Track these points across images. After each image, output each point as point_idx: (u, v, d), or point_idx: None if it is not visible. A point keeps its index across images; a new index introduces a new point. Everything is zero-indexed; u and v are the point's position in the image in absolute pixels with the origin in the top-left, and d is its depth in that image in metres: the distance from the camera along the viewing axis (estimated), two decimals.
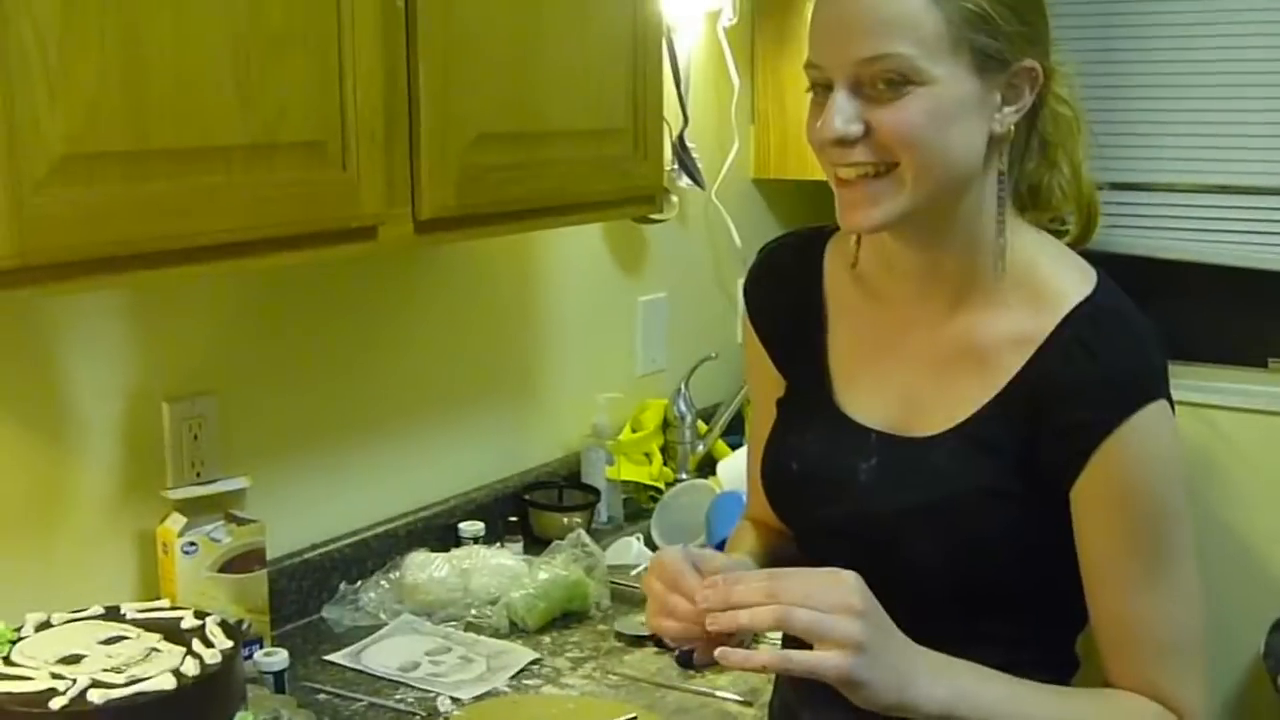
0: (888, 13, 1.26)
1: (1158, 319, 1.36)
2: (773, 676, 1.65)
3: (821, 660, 1.17)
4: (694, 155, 2.89)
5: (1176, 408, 1.34)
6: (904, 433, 1.40)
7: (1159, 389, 1.30)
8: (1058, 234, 1.43)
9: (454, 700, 1.87)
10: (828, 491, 1.43)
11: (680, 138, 2.85)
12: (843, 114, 1.28)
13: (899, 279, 1.43)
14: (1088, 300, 1.34)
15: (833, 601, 1.18)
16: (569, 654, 2.05)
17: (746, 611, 1.19)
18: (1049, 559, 1.36)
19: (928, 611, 1.28)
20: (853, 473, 1.41)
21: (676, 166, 2.85)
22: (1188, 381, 3.31)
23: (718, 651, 1.21)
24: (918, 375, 1.41)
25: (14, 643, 1.57)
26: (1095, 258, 1.42)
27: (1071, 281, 1.36)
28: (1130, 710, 1.32)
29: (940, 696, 1.22)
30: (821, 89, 1.31)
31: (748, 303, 1.59)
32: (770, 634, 1.82)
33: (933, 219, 1.34)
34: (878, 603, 1.21)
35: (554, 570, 2.18)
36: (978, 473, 1.34)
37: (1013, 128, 1.33)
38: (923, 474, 1.37)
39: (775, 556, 1.54)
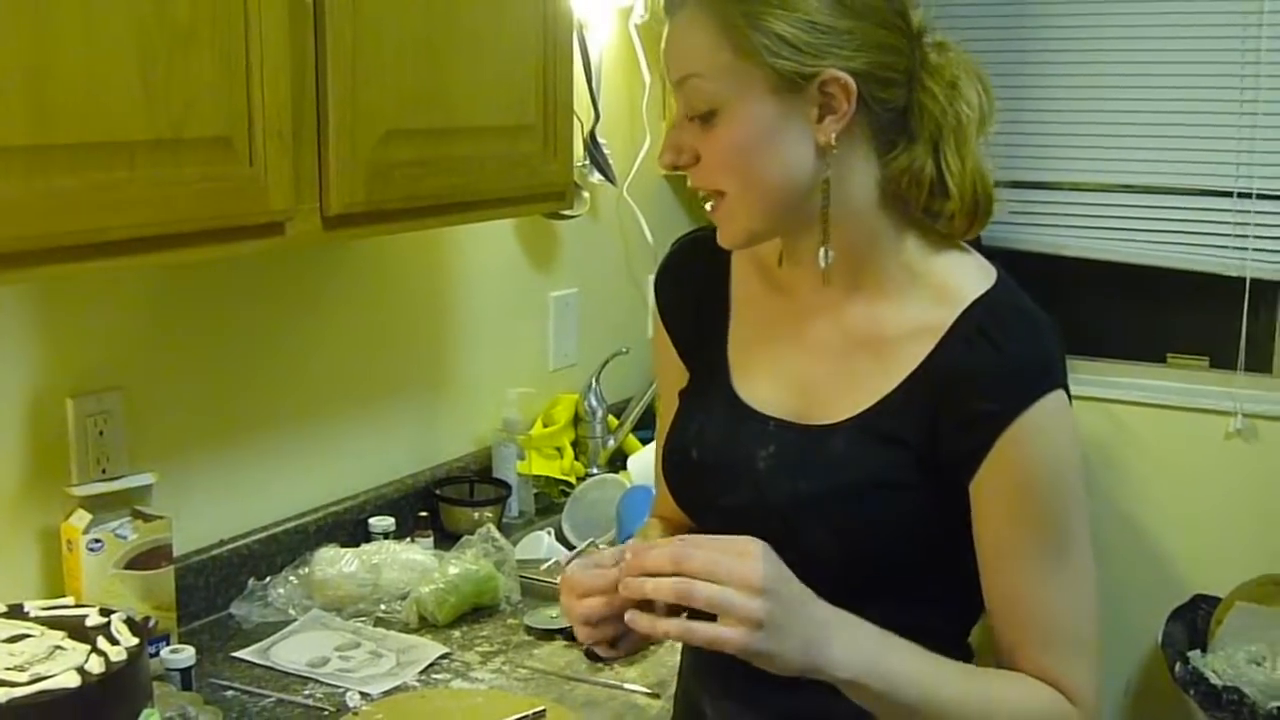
0: (686, 41, 1.33)
1: (1060, 315, 1.39)
2: (677, 667, 1.67)
3: (720, 633, 1.18)
4: (606, 151, 2.91)
5: (1078, 402, 1.36)
6: (803, 421, 1.42)
7: (1058, 379, 1.33)
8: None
9: (363, 695, 1.87)
10: (726, 479, 1.44)
11: (592, 134, 2.86)
12: (672, 140, 1.36)
13: (803, 273, 1.45)
14: (988, 294, 1.36)
15: (735, 577, 1.18)
16: (479, 648, 2.06)
17: (651, 582, 1.20)
18: (945, 550, 1.38)
19: (827, 598, 1.30)
20: (751, 460, 1.42)
21: (588, 162, 2.87)
22: (1089, 376, 3.38)
23: (627, 615, 1.22)
24: (817, 364, 1.43)
25: None
26: (999, 254, 1.45)
27: (972, 277, 1.38)
28: (1027, 690, 1.35)
29: (852, 664, 1.23)
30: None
31: (656, 295, 1.61)
32: None
33: (790, 228, 1.39)
34: (786, 572, 1.22)
35: (464, 565, 2.18)
36: (875, 462, 1.36)
37: (834, 137, 1.32)
38: (820, 462, 1.38)
39: None
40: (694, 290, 1.56)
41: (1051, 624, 1.35)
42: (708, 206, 1.39)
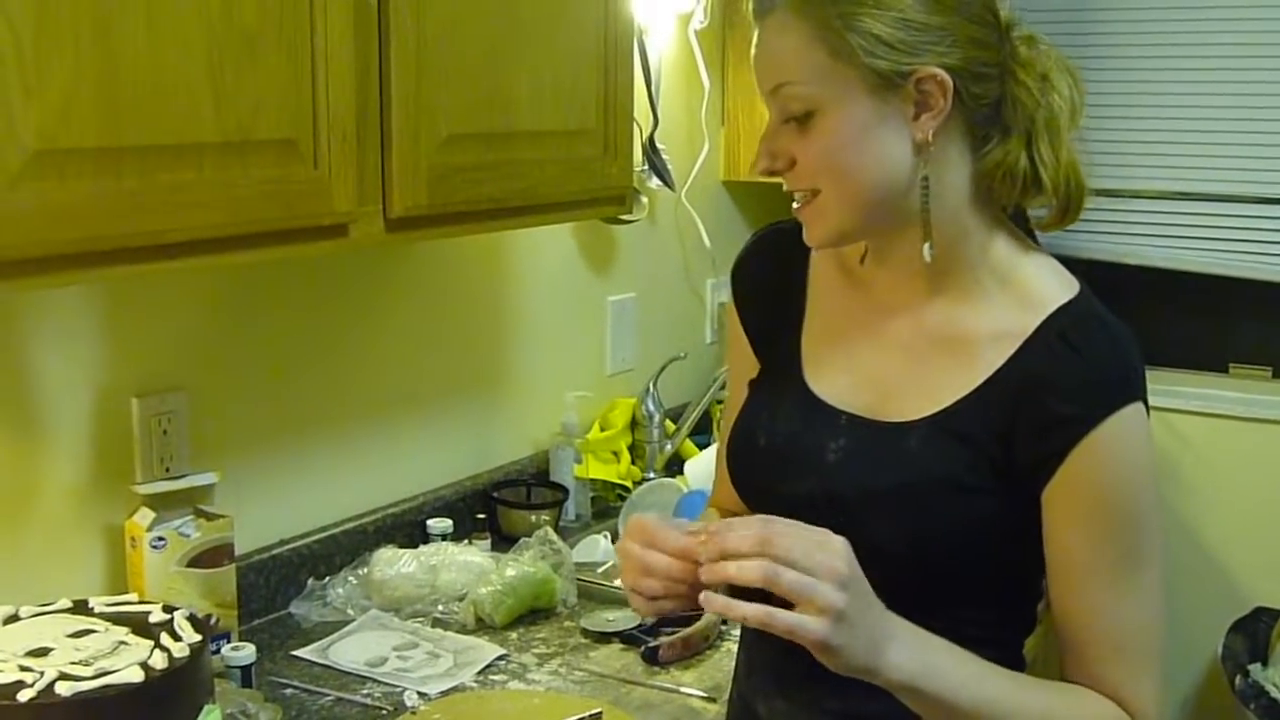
0: (780, 45, 1.33)
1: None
2: (733, 671, 1.67)
3: (802, 623, 1.17)
4: (664, 156, 2.91)
5: None
6: (876, 417, 1.41)
7: (1138, 392, 1.32)
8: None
9: (420, 695, 1.88)
10: (794, 468, 1.44)
11: (651, 139, 2.87)
12: (768, 144, 1.37)
13: (886, 271, 1.45)
14: (1071, 302, 1.36)
15: (820, 565, 1.18)
16: (535, 650, 2.07)
17: (735, 564, 1.19)
18: (1009, 558, 1.38)
19: (887, 599, 1.29)
20: (821, 451, 1.42)
21: (647, 167, 2.87)
22: (1150, 386, 3.33)
23: (702, 596, 1.21)
24: (893, 362, 1.43)
25: None
26: (1062, 263, 1.44)
27: (1055, 285, 1.38)
28: (1088, 706, 1.34)
29: (908, 668, 1.23)
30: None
31: (733, 285, 1.62)
32: None
33: (881, 228, 1.38)
34: (861, 571, 1.21)
35: (521, 567, 2.19)
36: (949, 461, 1.35)
37: (931, 134, 1.32)
38: (893, 458, 1.38)
39: None
40: (770, 282, 1.56)
41: (1119, 637, 1.34)
42: (796, 205, 1.38)
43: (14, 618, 1.63)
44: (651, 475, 2.89)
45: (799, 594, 1.17)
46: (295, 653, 2.02)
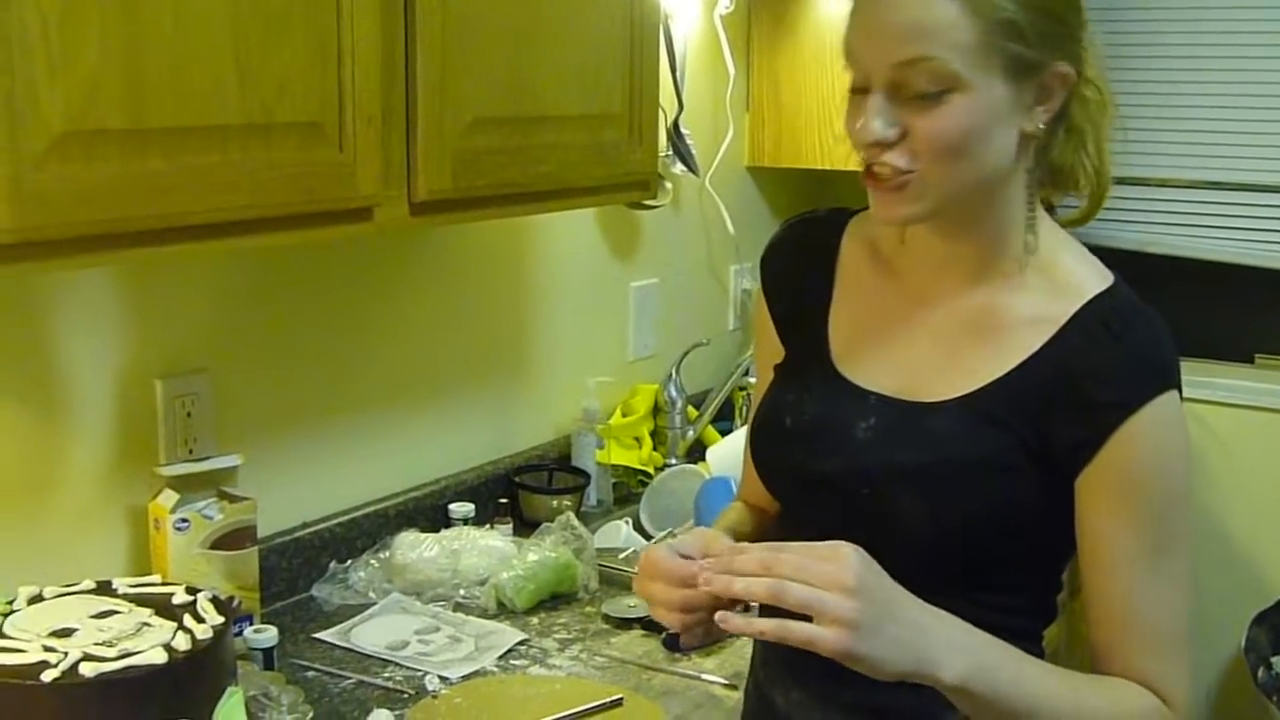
0: (925, 18, 1.27)
1: None
2: (749, 659, 1.66)
3: (817, 635, 1.16)
4: (689, 142, 2.90)
5: None
6: (906, 398, 1.41)
7: (1175, 380, 1.33)
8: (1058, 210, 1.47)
9: (441, 679, 1.89)
10: (822, 447, 1.43)
11: (675, 124, 2.86)
12: (881, 117, 1.30)
13: (916, 256, 1.46)
14: (1108, 291, 1.37)
15: (827, 578, 1.17)
16: (556, 635, 2.07)
17: (742, 581, 1.19)
18: (1036, 545, 1.38)
19: (909, 583, 1.29)
20: (850, 430, 1.42)
21: (671, 153, 2.87)
22: None
23: (718, 615, 1.22)
24: (925, 347, 1.43)
25: (6, 616, 1.57)
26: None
27: (1091, 276, 1.39)
28: (1130, 700, 1.33)
29: (957, 667, 1.21)
30: (856, 85, 1.34)
31: (761, 271, 1.61)
32: None
33: (960, 212, 1.37)
34: (881, 573, 1.21)
35: (543, 552, 2.19)
36: (979, 442, 1.35)
37: (1041, 126, 1.34)
38: (923, 436, 1.38)
39: (759, 535, 1.56)
40: (799, 269, 1.56)
41: (1151, 626, 1.34)
42: (879, 178, 1.33)
43: (38, 598, 1.63)
44: (673, 461, 2.89)
45: (808, 608, 1.17)
46: (317, 635, 2.03)
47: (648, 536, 2.51)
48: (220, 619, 1.59)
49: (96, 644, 1.50)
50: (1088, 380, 1.32)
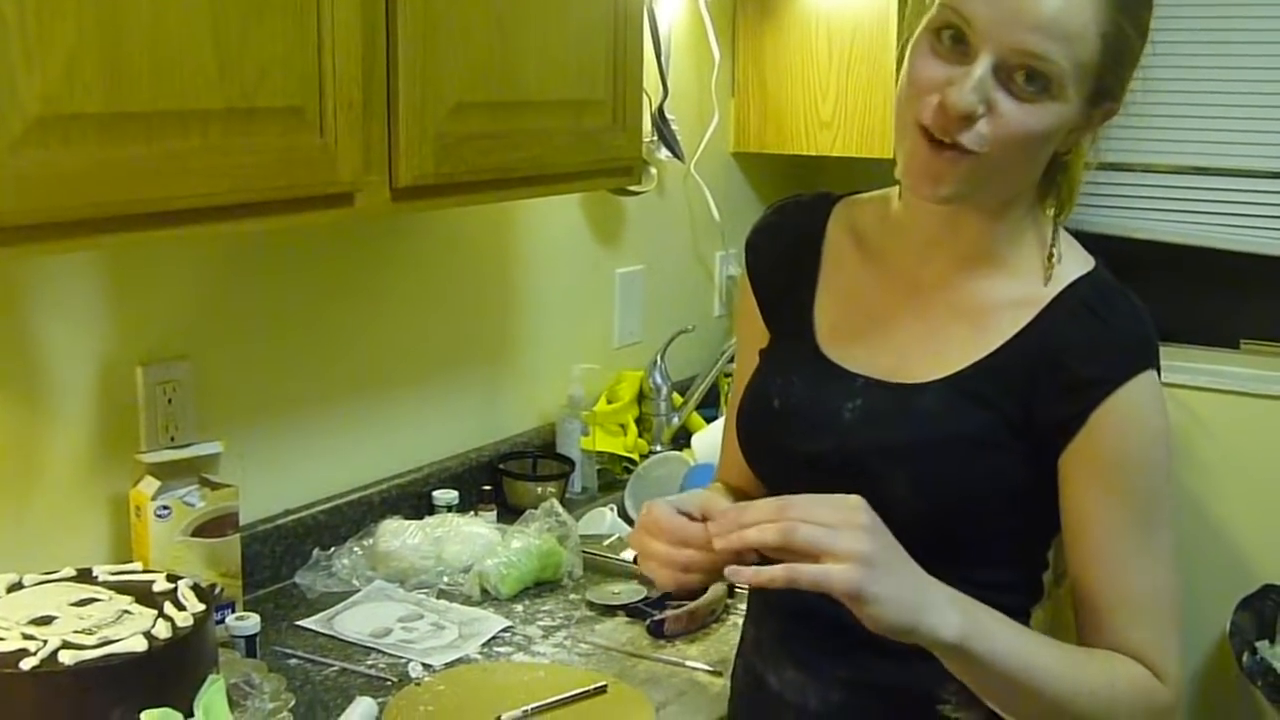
0: (1068, 23, 1.26)
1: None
2: (736, 644, 1.66)
3: (828, 573, 1.16)
4: (673, 127, 2.89)
5: None
6: (892, 379, 1.43)
7: (1155, 359, 1.36)
8: None
9: (425, 667, 1.88)
10: (809, 427, 1.45)
11: (660, 109, 2.85)
12: (979, 91, 1.27)
13: (903, 241, 1.47)
14: (1090, 274, 1.40)
15: (838, 518, 1.19)
16: (540, 622, 2.06)
17: (754, 528, 1.20)
18: (1021, 521, 1.40)
19: None
20: (837, 411, 1.43)
21: (656, 138, 2.85)
22: (1161, 362, 3.33)
23: (728, 569, 1.22)
24: (909, 331, 1.44)
25: None
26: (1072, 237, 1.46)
27: (1072, 260, 1.42)
28: (1118, 668, 1.35)
29: (956, 624, 1.22)
30: (951, 37, 1.30)
31: (746, 255, 1.62)
32: None
33: (979, 202, 1.39)
34: (886, 528, 1.22)
35: (527, 539, 2.19)
36: (965, 420, 1.37)
37: (1069, 148, 1.39)
38: (909, 416, 1.39)
39: None
40: (784, 254, 1.57)
41: (1140, 599, 1.36)
42: (940, 146, 1.30)
43: (18, 585, 1.63)
44: (658, 448, 2.89)
45: (820, 545, 1.17)
46: (300, 623, 2.02)
47: (632, 523, 2.50)
48: (201, 607, 1.58)
49: (76, 632, 1.50)
50: (1071, 357, 1.34)
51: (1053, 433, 1.35)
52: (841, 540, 1.17)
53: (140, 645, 1.47)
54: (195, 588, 1.64)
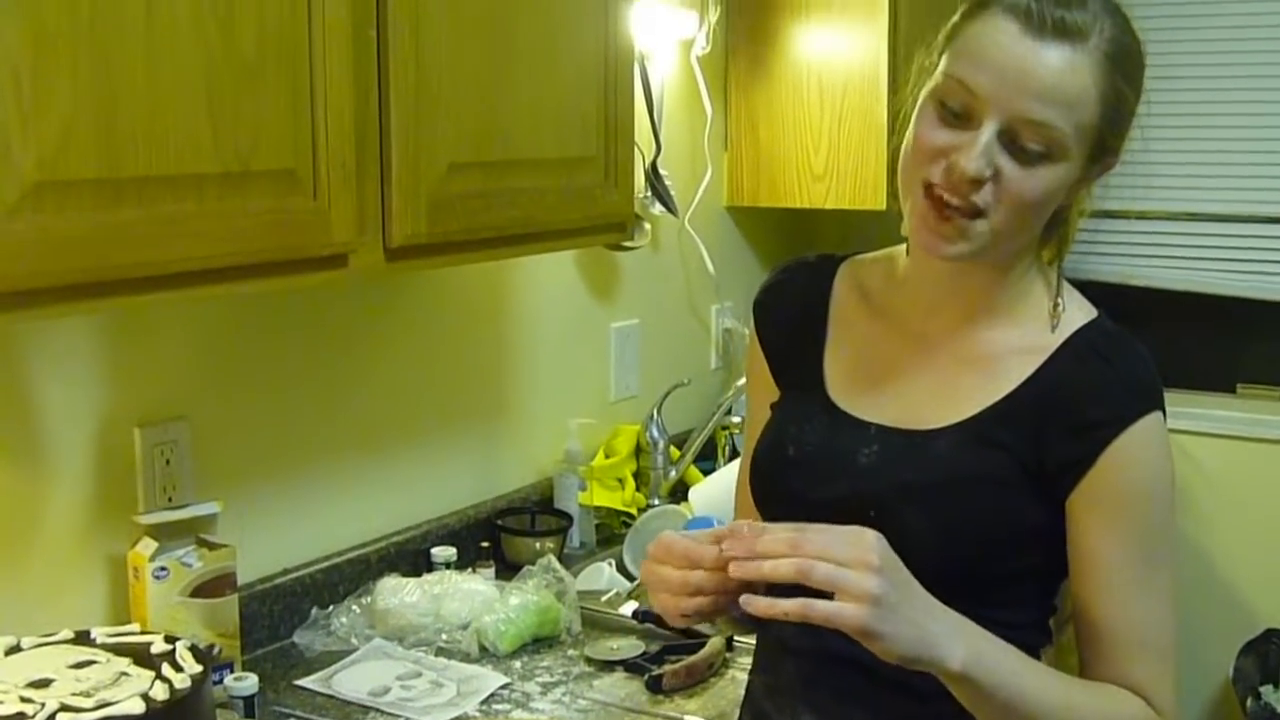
0: (1069, 89, 1.32)
1: None
2: (738, 699, 1.66)
3: (841, 610, 1.19)
4: (667, 182, 2.91)
5: None
6: (907, 427, 1.45)
7: (1160, 402, 1.40)
8: None
9: None
10: (825, 473, 1.47)
11: (653, 165, 2.87)
12: (986, 157, 1.32)
13: (910, 297, 1.51)
14: (1094, 322, 1.45)
15: (851, 556, 1.21)
16: (539, 679, 2.06)
17: (769, 562, 1.21)
18: (1034, 561, 1.43)
19: None
20: (853, 456, 1.46)
21: (649, 193, 2.88)
22: None
23: (743, 598, 1.22)
24: (920, 381, 1.48)
25: None
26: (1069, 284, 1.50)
27: (1077, 308, 1.47)
28: (1116, 699, 1.38)
29: (961, 655, 1.25)
30: (953, 109, 1.35)
31: (755, 314, 1.65)
32: None
33: (987, 259, 1.42)
34: (899, 561, 1.24)
35: (525, 595, 2.19)
36: (979, 462, 1.40)
37: (1069, 200, 1.43)
38: (924, 458, 1.42)
39: None
40: (792, 312, 1.60)
41: (1143, 635, 1.39)
42: (949, 209, 1.35)
43: (16, 648, 1.63)
44: (656, 502, 2.89)
45: (833, 584, 1.19)
46: (298, 682, 2.02)
47: (631, 578, 2.51)
48: (199, 668, 1.58)
49: (74, 694, 1.50)
50: (1080, 400, 1.38)
51: (1063, 473, 1.38)
52: (852, 581, 1.19)
53: (138, 707, 1.48)
54: (193, 649, 1.64)
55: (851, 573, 1.20)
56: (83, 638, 1.67)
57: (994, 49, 1.33)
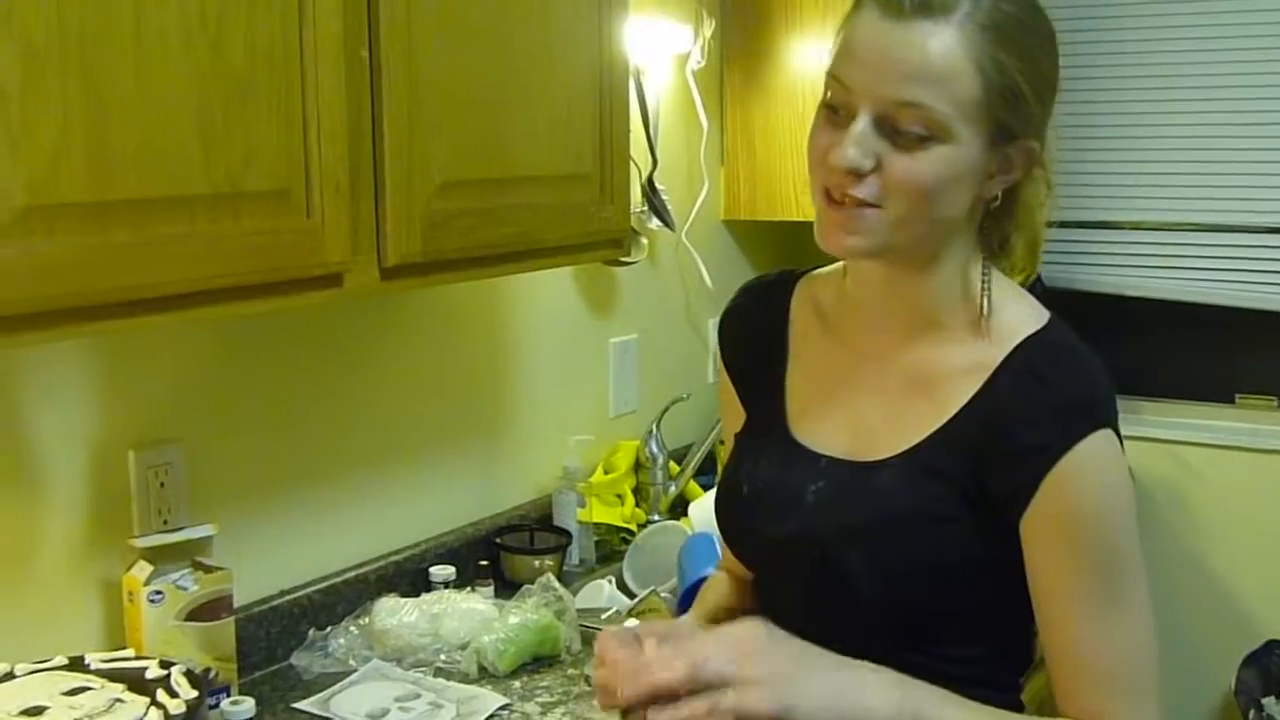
0: (934, 64, 1.28)
1: (1125, 356, 1.41)
2: None
3: (745, 699, 1.20)
4: (664, 197, 2.90)
5: (1145, 444, 1.38)
6: (854, 458, 1.43)
7: (1105, 418, 1.33)
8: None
9: None
10: (775, 512, 1.45)
11: (650, 179, 2.86)
12: (859, 147, 1.30)
13: (854, 313, 1.48)
14: (1038, 334, 1.38)
15: (735, 648, 1.22)
16: (539, 699, 2.04)
17: (662, 674, 1.22)
18: (992, 593, 1.38)
19: (874, 640, 1.30)
20: (800, 494, 1.43)
21: (646, 208, 2.87)
22: (1155, 417, 3.33)
23: (650, 712, 1.23)
24: (873, 405, 1.44)
25: None
26: (1062, 295, 1.46)
27: (1024, 318, 1.40)
28: None
29: (890, 702, 1.24)
30: (835, 107, 1.34)
31: (719, 339, 1.63)
32: None
33: (905, 258, 1.39)
34: (789, 636, 1.26)
35: (524, 614, 2.17)
36: (921, 496, 1.36)
37: (998, 195, 1.37)
38: (866, 494, 1.39)
39: (742, 605, 1.56)
40: (752, 335, 1.58)
41: (1106, 666, 1.34)
42: (839, 206, 1.33)
43: (9, 675, 1.62)
44: (656, 518, 2.88)
45: (724, 677, 1.21)
46: (296, 705, 2.00)
47: (631, 595, 2.49)
48: (194, 693, 1.57)
49: None
50: (1015, 425, 1.32)
51: (1007, 502, 1.33)
52: (744, 669, 1.21)
53: None
54: (188, 674, 1.63)
55: (742, 659, 1.21)
56: (77, 664, 1.66)
57: (859, 39, 1.31)
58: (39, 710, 1.52)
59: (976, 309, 1.40)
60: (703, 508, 2.74)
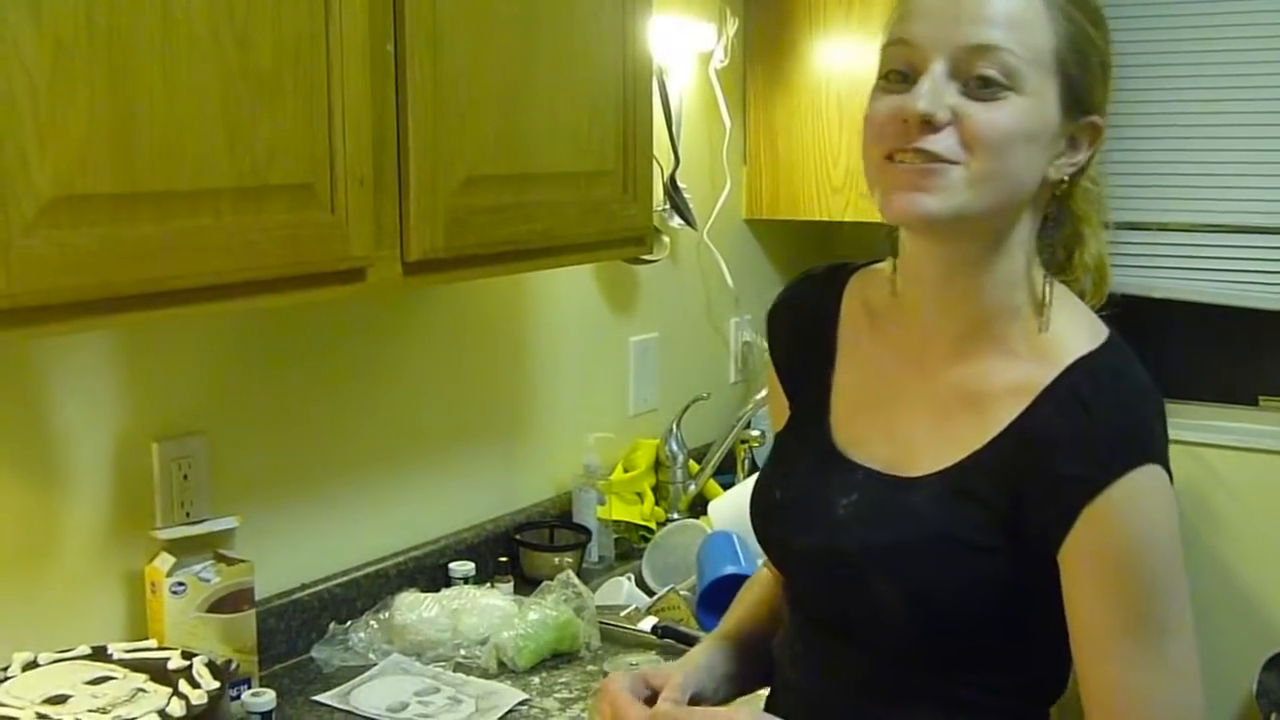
0: (1011, 8, 1.25)
1: (1148, 358, 1.34)
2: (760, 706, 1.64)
3: None
4: (686, 195, 2.91)
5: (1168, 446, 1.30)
6: (891, 472, 1.37)
7: (1154, 453, 1.25)
8: None
9: None
10: (805, 523, 1.41)
11: (672, 178, 2.86)
12: (936, 94, 1.24)
13: (905, 314, 1.41)
14: (1090, 355, 1.30)
15: None
16: (558, 694, 2.05)
17: None
18: (1023, 621, 1.31)
19: (900, 659, 1.27)
20: (831, 506, 1.38)
21: (668, 207, 2.87)
22: (1178, 420, 3.27)
23: None
24: (917, 417, 1.38)
25: (0, 682, 1.57)
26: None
27: (1080, 336, 1.32)
28: None
29: None
30: (899, 74, 1.28)
31: (767, 331, 1.58)
32: None
33: (972, 236, 1.31)
34: (766, 714, 1.31)
35: (544, 610, 2.18)
36: (951, 518, 1.30)
37: (1065, 178, 1.32)
38: (898, 514, 1.34)
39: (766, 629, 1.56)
40: (799, 334, 1.53)
41: (1141, 710, 1.27)
42: (916, 166, 1.25)
43: (33, 664, 1.63)
44: (675, 516, 2.88)
45: None
46: (316, 698, 2.01)
47: (650, 592, 2.49)
48: (216, 684, 1.58)
49: (90, 711, 1.50)
50: (1057, 455, 1.25)
51: (1044, 532, 1.26)
52: None
53: None
54: (210, 665, 1.64)
55: None
56: (99, 653, 1.67)
57: None
58: (62, 699, 1.52)
59: (1033, 319, 1.33)
60: (722, 506, 2.74)
